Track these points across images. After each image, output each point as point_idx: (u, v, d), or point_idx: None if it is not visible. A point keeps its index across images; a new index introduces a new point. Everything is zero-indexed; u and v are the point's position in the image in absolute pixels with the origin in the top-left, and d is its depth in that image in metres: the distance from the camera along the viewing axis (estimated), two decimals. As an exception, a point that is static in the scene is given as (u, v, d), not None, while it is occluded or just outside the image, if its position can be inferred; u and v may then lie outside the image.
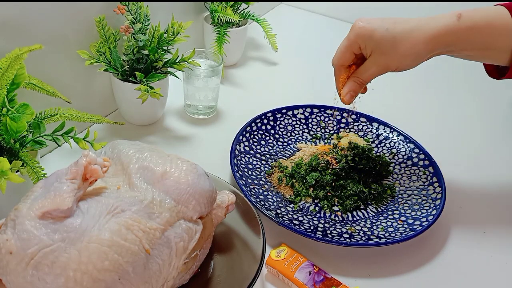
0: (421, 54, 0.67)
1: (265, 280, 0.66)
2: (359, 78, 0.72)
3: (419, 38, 0.66)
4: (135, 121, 0.92)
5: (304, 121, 0.93)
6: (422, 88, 1.13)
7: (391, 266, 0.69)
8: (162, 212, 0.53)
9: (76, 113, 0.73)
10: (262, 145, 0.87)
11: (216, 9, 1.05)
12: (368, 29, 0.68)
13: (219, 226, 0.65)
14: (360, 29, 0.68)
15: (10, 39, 0.71)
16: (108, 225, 0.49)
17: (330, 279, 0.63)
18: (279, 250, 0.66)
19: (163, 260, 0.52)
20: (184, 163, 0.57)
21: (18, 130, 0.62)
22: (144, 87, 0.80)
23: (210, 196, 0.58)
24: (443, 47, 0.67)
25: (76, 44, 0.82)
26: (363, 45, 0.69)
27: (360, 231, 0.72)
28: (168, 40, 0.85)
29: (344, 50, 0.71)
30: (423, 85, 1.14)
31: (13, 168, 0.63)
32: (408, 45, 0.66)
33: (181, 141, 0.90)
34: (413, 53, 0.67)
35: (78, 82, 0.86)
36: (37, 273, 0.46)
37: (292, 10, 1.45)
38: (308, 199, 0.78)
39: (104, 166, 0.52)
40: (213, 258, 0.65)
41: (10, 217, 0.49)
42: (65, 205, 0.47)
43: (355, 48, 0.70)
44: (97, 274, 0.46)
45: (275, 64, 1.18)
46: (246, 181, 0.77)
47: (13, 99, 0.65)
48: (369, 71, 0.70)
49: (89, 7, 0.82)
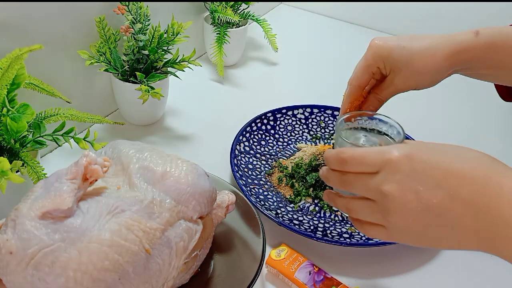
0: (439, 72, 0.66)
1: (265, 280, 0.66)
2: (378, 95, 0.71)
3: (437, 56, 0.65)
4: (135, 121, 0.92)
5: (304, 121, 0.93)
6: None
7: (391, 266, 0.69)
8: (162, 212, 0.53)
9: (76, 113, 0.73)
10: (262, 145, 0.87)
11: (216, 9, 1.05)
12: (385, 48, 0.67)
13: (219, 226, 0.65)
14: (378, 49, 0.68)
15: (10, 39, 0.71)
16: (108, 225, 0.49)
17: (330, 279, 0.63)
18: (279, 250, 0.66)
19: (163, 260, 0.52)
20: (184, 163, 0.57)
21: (18, 130, 0.62)
22: (145, 87, 0.80)
23: (210, 196, 0.58)
24: (460, 65, 0.66)
25: (76, 44, 0.82)
26: (381, 65, 0.68)
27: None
28: (168, 40, 0.85)
29: (362, 71, 0.70)
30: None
31: (13, 168, 0.63)
32: (425, 62, 0.65)
33: (181, 141, 0.90)
34: (431, 71, 0.66)
35: (78, 82, 0.86)
36: (37, 273, 0.46)
37: (292, 10, 1.45)
38: (308, 199, 0.78)
39: (104, 166, 0.52)
40: (213, 258, 0.65)
41: (10, 217, 0.49)
42: (65, 205, 0.47)
43: (373, 68, 0.69)
44: (97, 274, 0.46)
45: (275, 64, 1.18)
46: (246, 181, 0.77)
47: (14, 99, 0.65)
48: (388, 89, 0.70)
49: (89, 7, 0.82)
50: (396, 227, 0.48)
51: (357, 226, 0.51)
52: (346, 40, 1.32)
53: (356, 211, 0.50)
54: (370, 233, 0.50)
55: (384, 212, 0.47)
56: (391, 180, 0.46)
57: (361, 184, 0.48)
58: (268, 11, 1.42)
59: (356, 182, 0.49)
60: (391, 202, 0.46)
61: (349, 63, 1.22)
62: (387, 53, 0.67)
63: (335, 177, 0.51)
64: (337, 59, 1.23)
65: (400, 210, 0.46)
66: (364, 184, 0.48)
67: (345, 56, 1.25)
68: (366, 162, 0.48)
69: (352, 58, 1.23)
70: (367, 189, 0.48)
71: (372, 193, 0.48)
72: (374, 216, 0.49)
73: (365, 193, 0.48)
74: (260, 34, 1.15)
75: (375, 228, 0.49)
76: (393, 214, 0.47)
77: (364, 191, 0.48)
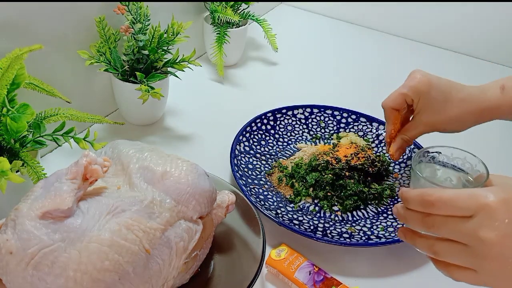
0: (467, 123, 0.72)
1: (265, 280, 0.66)
2: (406, 136, 0.75)
3: (469, 109, 0.70)
4: (135, 121, 0.92)
5: (304, 121, 0.93)
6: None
7: (391, 266, 0.69)
8: (162, 212, 0.53)
9: (76, 113, 0.73)
10: (262, 145, 0.87)
11: (216, 9, 1.05)
12: (426, 85, 0.71)
13: (219, 226, 0.65)
14: (419, 83, 0.71)
15: (10, 39, 0.71)
16: (108, 225, 0.49)
17: (330, 279, 0.63)
18: (279, 250, 0.66)
19: (163, 260, 0.52)
20: (184, 163, 0.57)
21: (18, 130, 0.62)
22: (145, 87, 0.80)
23: (210, 196, 0.58)
24: (488, 119, 0.72)
25: (76, 44, 0.82)
26: (416, 98, 0.72)
27: (360, 231, 0.72)
28: (168, 40, 0.85)
29: (399, 97, 0.73)
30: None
31: (13, 168, 0.63)
32: (458, 112, 0.71)
33: (181, 141, 0.90)
34: (461, 121, 0.72)
35: (78, 82, 0.86)
36: (37, 273, 0.46)
37: (292, 10, 1.45)
38: (308, 199, 0.78)
39: (105, 166, 0.52)
40: (213, 258, 0.65)
41: (10, 217, 0.49)
42: (65, 205, 0.47)
43: (408, 99, 0.72)
44: (97, 274, 0.46)
45: (275, 64, 1.18)
46: (246, 181, 0.77)
47: (13, 99, 0.65)
48: (417, 129, 0.74)
49: (89, 7, 0.82)
50: (490, 273, 0.46)
51: (442, 267, 0.49)
52: (346, 40, 1.32)
53: (444, 254, 0.48)
54: (458, 277, 0.48)
55: (479, 258, 0.46)
56: (490, 226, 0.45)
57: (452, 228, 0.46)
58: (268, 11, 1.42)
59: (445, 226, 0.47)
60: (489, 249, 0.45)
61: (349, 63, 1.22)
62: (427, 90, 0.71)
63: (416, 219, 0.49)
64: (337, 59, 1.23)
65: (498, 257, 0.45)
66: (455, 228, 0.46)
67: (345, 56, 1.25)
68: (458, 206, 0.46)
69: (352, 58, 1.24)
70: (459, 233, 0.46)
71: (465, 237, 0.46)
72: (466, 260, 0.47)
73: (456, 237, 0.47)
74: (260, 34, 1.15)
75: (464, 271, 0.48)
76: (489, 261, 0.45)
77: (454, 235, 0.46)
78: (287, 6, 1.47)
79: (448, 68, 1.21)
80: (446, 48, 1.28)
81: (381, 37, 1.32)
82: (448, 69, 1.20)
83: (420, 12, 1.29)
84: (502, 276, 0.46)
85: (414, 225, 0.49)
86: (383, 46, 1.29)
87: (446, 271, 0.49)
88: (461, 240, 0.46)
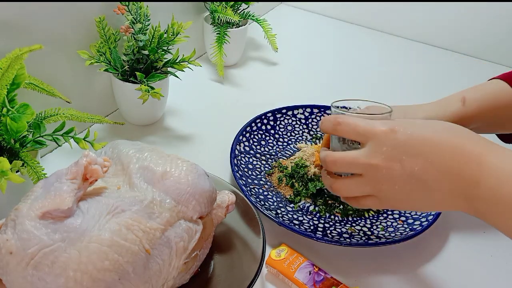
0: None
1: (265, 280, 0.66)
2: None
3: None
4: (135, 121, 0.92)
5: (304, 121, 0.93)
6: (422, 88, 1.13)
7: (391, 266, 0.69)
8: (162, 212, 0.53)
9: (76, 113, 0.73)
10: (262, 145, 0.87)
11: (216, 9, 1.05)
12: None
13: (219, 226, 0.65)
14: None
15: (10, 39, 0.71)
16: (108, 225, 0.49)
17: (330, 279, 0.63)
18: (279, 250, 0.66)
19: (163, 260, 0.52)
20: (184, 163, 0.57)
21: (18, 130, 0.62)
22: (145, 87, 0.80)
23: (210, 196, 0.58)
24: None
25: (76, 44, 0.82)
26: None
27: (360, 231, 0.72)
28: (168, 40, 0.85)
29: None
30: (423, 85, 1.14)
31: (13, 168, 0.63)
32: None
33: (181, 141, 0.90)
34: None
35: (78, 82, 0.86)
36: (37, 273, 0.46)
37: (292, 10, 1.45)
38: (308, 199, 0.78)
39: (105, 166, 0.52)
40: (213, 258, 0.65)
41: (10, 217, 0.49)
42: (65, 205, 0.47)
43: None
44: (97, 274, 0.46)
45: (275, 64, 1.18)
46: (246, 181, 0.77)
47: (13, 99, 0.65)
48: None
49: (89, 7, 0.82)
50: (385, 195, 0.54)
51: (351, 203, 0.58)
52: (346, 40, 1.32)
53: (347, 189, 0.56)
54: (364, 204, 0.56)
55: (374, 183, 0.54)
56: (378, 152, 0.52)
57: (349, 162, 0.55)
58: (268, 11, 1.42)
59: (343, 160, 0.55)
60: (379, 173, 0.53)
61: (349, 63, 1.22)
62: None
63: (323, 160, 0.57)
64: (337, 59, 1.23)
65: (388, 179, 0.52)
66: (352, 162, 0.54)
67: (345, 56, 1.25)
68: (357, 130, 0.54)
69: (352, 58, 1.24)
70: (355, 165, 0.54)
71: (360, 167, 0.54)
72: (364, 188, 0.55)
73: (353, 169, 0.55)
74: (260, 34, 1.15)
75: (367, 199, 0.56)
76: (381, 184, 0.53)
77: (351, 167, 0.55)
78: (287, 6, 1.47)
79: (448, 68, 1.21)
80: (446, 48, 1.28)
81: (381, 37, 1.32)
82: (448, 69, 1.20)
83: (420, 12, 1.29)
84: (395, 196, 0.54)
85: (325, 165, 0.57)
86: (383, 46, 1.29)
87: (355, 204, 0.58)
88: (357, 171, 0.54)
